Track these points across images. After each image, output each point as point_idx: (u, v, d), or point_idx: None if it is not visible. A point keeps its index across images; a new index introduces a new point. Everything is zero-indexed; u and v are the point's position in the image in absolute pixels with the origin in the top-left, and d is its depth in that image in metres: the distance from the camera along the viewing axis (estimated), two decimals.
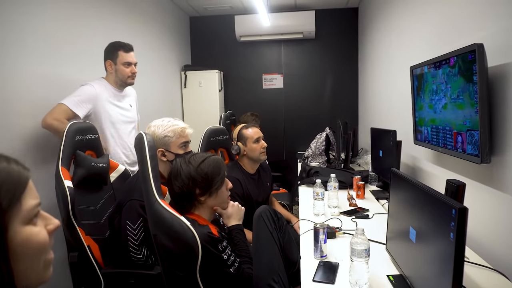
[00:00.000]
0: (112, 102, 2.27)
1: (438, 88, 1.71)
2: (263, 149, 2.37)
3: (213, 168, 1.44)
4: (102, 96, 2.20)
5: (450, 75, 1.57)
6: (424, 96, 1.90)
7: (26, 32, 1.96)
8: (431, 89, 1.80)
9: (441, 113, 1.70)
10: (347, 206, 2.17)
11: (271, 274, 1.37)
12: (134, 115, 2.49)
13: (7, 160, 0.57)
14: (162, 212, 1.28)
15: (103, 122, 2.22)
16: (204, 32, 4.92)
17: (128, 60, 2.27)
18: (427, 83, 1.84)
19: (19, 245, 0.54)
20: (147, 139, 1.36)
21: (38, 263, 0.58)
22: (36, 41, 2.02)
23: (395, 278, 1.28)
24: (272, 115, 4.85)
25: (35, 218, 0.58)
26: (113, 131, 2.28)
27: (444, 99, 1.65)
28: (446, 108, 1.63)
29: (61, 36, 2.25)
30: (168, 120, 1.78)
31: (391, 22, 3.03)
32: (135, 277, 1.60)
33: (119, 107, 2.32)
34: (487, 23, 1.48)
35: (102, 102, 2.20)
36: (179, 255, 1.28)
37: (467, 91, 1.42)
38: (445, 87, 1.63)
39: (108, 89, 2.26)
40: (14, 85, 1.88)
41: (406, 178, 1.28)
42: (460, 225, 0.87)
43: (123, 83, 2.32)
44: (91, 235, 1.75)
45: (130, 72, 2.29)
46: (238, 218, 1.56)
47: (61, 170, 1.64)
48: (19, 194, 0.55)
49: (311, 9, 4.50)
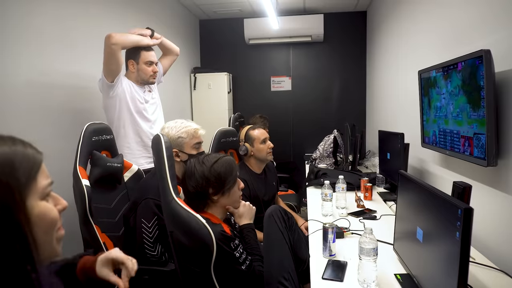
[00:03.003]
0: (135, 89, 2.32)
1: (446, 92, 1.75)
2: (270, 149, 2.43)
3: (226, 168, 1.49)
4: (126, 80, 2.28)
5: (457, 80, 1.60)
6: (432, 99, 1.93)
7: (42, 31, 2.03)
8: (439, 93, 1.83)
9: (448, 116, 1.73)
10: (355, 207, 2.20)
11: (281, 272, 1.41)
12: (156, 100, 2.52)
13: (23, 143, 0.64)
14: (179, 210, 1.34)
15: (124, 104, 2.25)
16: (213, 35, 4.99)
17: (150, 59, 2.32)
18: (435, 87, 1.88)
19: (36, 217, 0.61)
20: (164, 140, 1.41)
21: (51, 237, 0.65)
22: (46, 41, 2.08)
23: (403, 277, 1.31)
24: (280, 117, 4.90)
25: (47, 197, 0.65)
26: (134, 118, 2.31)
27: (451, 103, 1.69)
28: (454, 112, 1.67)
29: (73, 37, 2.30)
30: (181, 121, 1.84)
31: (399, 26, 3.06)
32: (149, 273, 1.66)
33: (139, 94, 2.36)
34: (494, 29, 1.52)
35: (126, 85, 2.26)
36: (194, 251, 1.33)
37: (474, 95, 1.45)
38: (453, 91, 1.66)
39: (130, 83, 2.32)
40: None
41: (413, 180, 1.32)
42: (466, 224, 0.90)
43: (144, 81, 2.36)
44: (106, 232, 1.81)
45: (152, 71, 2.33)
46: (250, 217, 1.61)
47: (78, 169, 1.70)
48: (34, 173, 0.62)
49: (320, 13, 4.54)
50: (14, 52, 1.85)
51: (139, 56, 2.30)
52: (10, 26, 1.82)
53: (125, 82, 2.26)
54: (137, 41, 2.24)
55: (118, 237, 1.87)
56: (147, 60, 2.31)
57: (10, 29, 1.82)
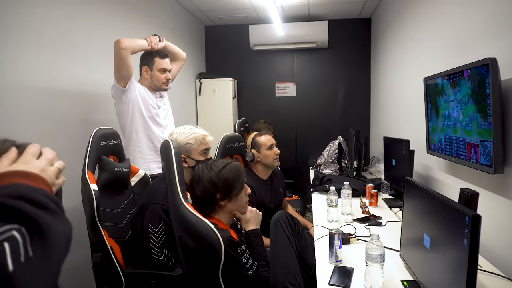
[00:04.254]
0: (148, 95, 2.34)
1: (452, 99, 1.76)
2: (277, 155, 2.44)
3: (234, 174, 1.51)
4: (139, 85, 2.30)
5: (466, 88, 1.61)
6: (438, 107, 1.94)
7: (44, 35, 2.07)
8: (447, 101, 1.84)
9: (454, 124, 1.74)
10: (360, 213, 2.21)
11: (288, 277, 1.42)
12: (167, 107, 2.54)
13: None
14: (188, 215, 1.35)
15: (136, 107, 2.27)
16: (218, 40, 5.03)
17: (164, 67, 2.34)
18: (442, 94, 1.89)
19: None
20: (173, 146, 1.43)
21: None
22: (48, 45, 2.08)
23: (409, 284, 1.32)
24: (284, 122, 4.91)
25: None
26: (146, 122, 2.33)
27: (457, 111, 1.70)
28: (460, 120, 1.67)
29: (77, 42, 2.31)
30: (189, 127, 1.86)
31: (403, 33, 3.08)
32: (155, 278, 1.67)
33: (152, 100, 2.38)
34: (497, 37, 1.53)
35: (139, 90, 2.28)
36: (203, 256, 1.34)
37: (480, 103, 1.46)
38: (459, 99, 1.67)
39: (143, 89, 2.34)
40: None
41: (420, 187, 1.33)
42: (474, 231, 0.91)
43: (157, 88, 2.38)
44: (113, 237, 1.82)
45: (165, 78, 2.36)
46: (256, 223, 1.62)
47: (87, 174, 1.72)
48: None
49: (325, 19, 4.57)
50: (15, 56, 1.85)
51: (153, 62, 2.33)
52: (12, 28, 1.81)
53: (138, 88, 2.29)
54: (144, 45, 2.28)
55: (124, 242, 1.88)
56: (161, 67, 2.33)
57: (12, 31, 1.81)
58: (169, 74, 2.39)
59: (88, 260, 1.77)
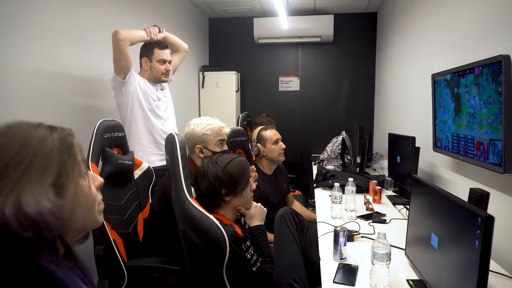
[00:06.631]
0: (148, 87, 2.32)
1: (462, 97, 1.73)
2: (282, 150, 2.43)
3: (239, 169, 1.49)
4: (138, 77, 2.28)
5: (474, 85, 1.58)
6: (446, 105, 1.92)
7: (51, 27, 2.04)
8: (454, 98, 1.81)
9: (463, 122, 1.71)
10: (364, 210, 2.19)
11: (292, 274, 1.41)
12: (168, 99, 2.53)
13: (51, 128, 0.65)
14: (192, 210, 1.33)
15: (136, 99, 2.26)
16: (222, 33, 4.98)
17: (163, 58, 2.32)
18: (453, 91, 1.86)
19: (79, 196, 0.64)
20: (178, 140, 1.41)
21: (94, 210, 0.69)
22: (52, 37, 2.06)
23: (415, 283, 1.30)
24: (287, 117, 4.88)
25: (85, 175, 0.67)
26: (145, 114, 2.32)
27: (466, 109, 1.67)
28: (469, 118, 1.65)
29: (82, 35, 2.29)
30: (206, 119, 1.88)
31: (410, 28, 3.04)
32: (158, 271, 1.66)
33: (152, 92, 2.36)
34: (509, 33, 1.50)
35: (139, 82, 2.26)
36: (207, 252, 1.33)
37: (492, 101, 1.44)
38: (469, 97, 1.64)
39: (143, 80, 2.32)
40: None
41: (428, 185, 1.31)
42: (486, 233, 0.89)
43: (157, 79, 2.36)
44: (116, 229, 1.81)
45: (165, 69, 2.34)
46: (261, 219, 1.61)
47: (91, 166, 1.71)
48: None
49: (330, 13, 4.52)
50: (23, 41, 1.84)
51: (153, 53, 2.31)
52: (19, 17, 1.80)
53: (138, 80, 2.27)
54: (143, 36, 2.25)
55: (127, 234, 1.87)
56: (160, 58, 2.31)
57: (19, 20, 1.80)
58: (169, 65, 2.37)
59: (90, 252, 1.77)
